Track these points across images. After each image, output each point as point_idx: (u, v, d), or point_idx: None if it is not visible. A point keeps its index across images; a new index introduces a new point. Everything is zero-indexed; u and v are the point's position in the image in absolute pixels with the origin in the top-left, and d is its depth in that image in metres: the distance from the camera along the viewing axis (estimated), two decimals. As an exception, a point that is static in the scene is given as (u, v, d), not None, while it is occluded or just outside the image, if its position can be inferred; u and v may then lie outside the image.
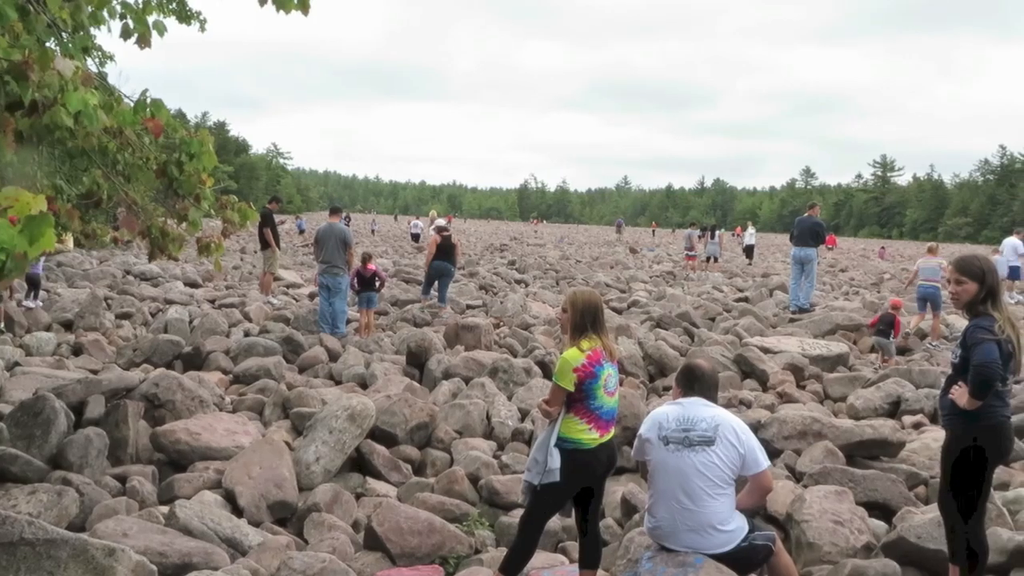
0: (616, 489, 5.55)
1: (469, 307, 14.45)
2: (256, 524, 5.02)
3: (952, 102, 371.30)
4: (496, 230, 69.39)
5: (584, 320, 4.10)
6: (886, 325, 10.68)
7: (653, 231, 73.64)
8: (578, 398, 3.99)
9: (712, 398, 4.05)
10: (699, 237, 28.50)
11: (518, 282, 19.74)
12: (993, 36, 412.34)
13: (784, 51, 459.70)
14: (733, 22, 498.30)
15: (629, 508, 5.31)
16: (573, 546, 4.88)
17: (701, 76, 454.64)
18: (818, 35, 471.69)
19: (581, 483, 4.08)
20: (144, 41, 5.92)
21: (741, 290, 18.51)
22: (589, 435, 4.00)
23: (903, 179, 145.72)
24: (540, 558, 4.63)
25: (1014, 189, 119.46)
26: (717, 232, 28.95)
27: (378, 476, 6.06)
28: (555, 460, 3.91)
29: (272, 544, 4.51)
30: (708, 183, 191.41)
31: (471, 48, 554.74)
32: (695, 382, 4.06)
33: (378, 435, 6.41)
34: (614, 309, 14.25)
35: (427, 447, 6.67)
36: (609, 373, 4.07)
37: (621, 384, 7.85)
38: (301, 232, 42.19)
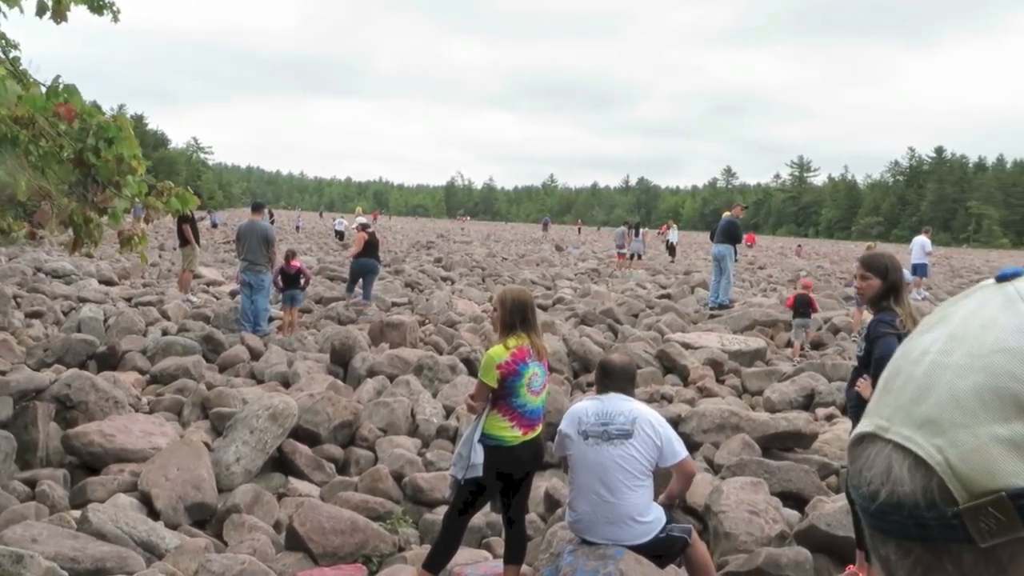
0: (540, 484, 5.61)
1: (395, 304, 14.37)
2: (173, 527, 4.91)
3: (865, 105, 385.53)
4: (423, 227, 69.05)
5: (513, 318, 4.15)
6: (803, 306, 11.12)
7: (579, 229, 74.19)
8: (501, 395, 4.04)
9: (628, 391, 4.12)
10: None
11: (444, 279, 19.71)
12: (902, 42, 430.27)
13: (703, 52, 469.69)
14: (653, 23, 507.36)
15: (552, 503, 5.38)
16: (498, 542, 4.92)
17: (623, 76, 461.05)
18: (735, 37, 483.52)
19: (504, 479, 4.13)
20: (59, 15, 5.71)
21: (664, 287, 18.88)
22: (511, 432, 4.05)
23: (819, 179, 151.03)
24: (464, 554, 4.65)
25: (922, 190, 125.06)
26: (641, 230, 29.36)
27: (301, 476, 5.99)
28: (478, 455, 3.95)
29: (190, 546, 4.43)
30: (633, 182, 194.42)
31: (394, 44, 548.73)
32: (610, 377, 4.14)
33: (301, 434, 6.34)
34: (539, 306, 14.32)
35: (351, 446, 6.62)
36: (535, 372, 4.11)
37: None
38: (214, 226, 41.42)
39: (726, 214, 15.15)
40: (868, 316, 4.65)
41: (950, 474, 0.48)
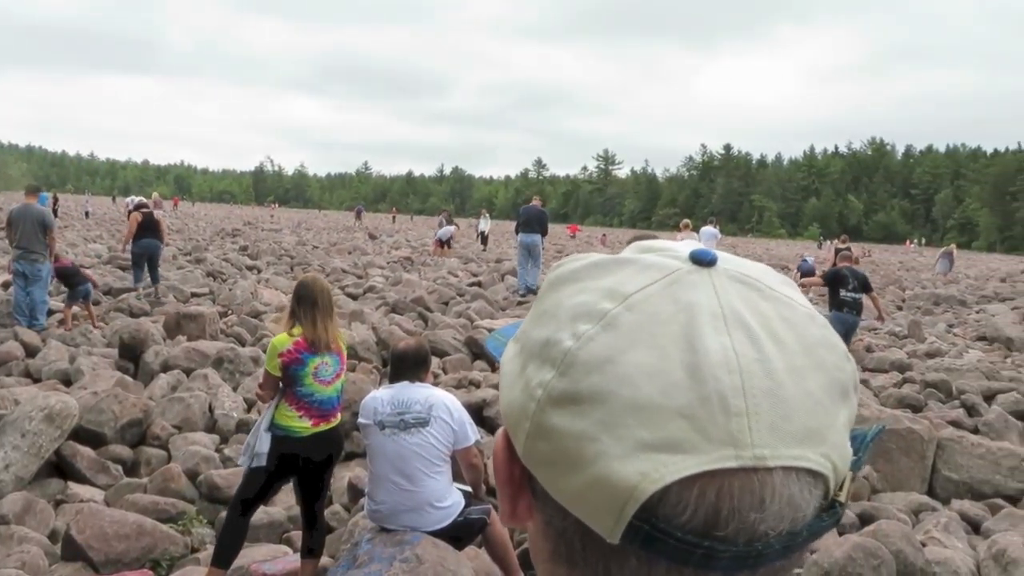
0: (343, 475, 5.54)
1: (194, 295, 13.61)
2: (-74, 545, 4.40)
3: (663, 102, 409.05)
4: (229, 214, 65.93)
5: (298, 305, 4.05)
6: None
7: (393, 217, 73.54)
8: (287, 384, 3.96)
9: (421, 377, 4.11)
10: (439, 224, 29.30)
11: (250, 268, 18.92)
12: (693, 44, 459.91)
13: (508, 45, 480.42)
14: (457, 14, 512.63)
15: (356, 493, 5.31)
16: (299, 536, 4.80)
17: (432, 65, 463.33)
18: (541, 32, 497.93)
19: (290, 470, 4.04)
20: None
21: (475, 275, 19.13)
22: (300, 423, 3.97)
23: (623, 172, 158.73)
24: (263, 550, 4.52)
25: (713, 184, 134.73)
26: (451, 219, 29.91)
27: (82, 480, 5.56)
28: (263, 444, 3.85)
29: (-55, 565, 3.99)
30: (447, 171, 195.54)
31: (190, 20, 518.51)
32: (402, 365, 4.11)
33: (83, 435, 5.88)
34: (349, 295, 14.14)
35: (141, 445, 6.22)
36: (324, 361, 4.03)
37: (353, 370, 7.84)
38: None
39: (535, 203, 15.65)
40: None
41: (834, 476, 0.48)
